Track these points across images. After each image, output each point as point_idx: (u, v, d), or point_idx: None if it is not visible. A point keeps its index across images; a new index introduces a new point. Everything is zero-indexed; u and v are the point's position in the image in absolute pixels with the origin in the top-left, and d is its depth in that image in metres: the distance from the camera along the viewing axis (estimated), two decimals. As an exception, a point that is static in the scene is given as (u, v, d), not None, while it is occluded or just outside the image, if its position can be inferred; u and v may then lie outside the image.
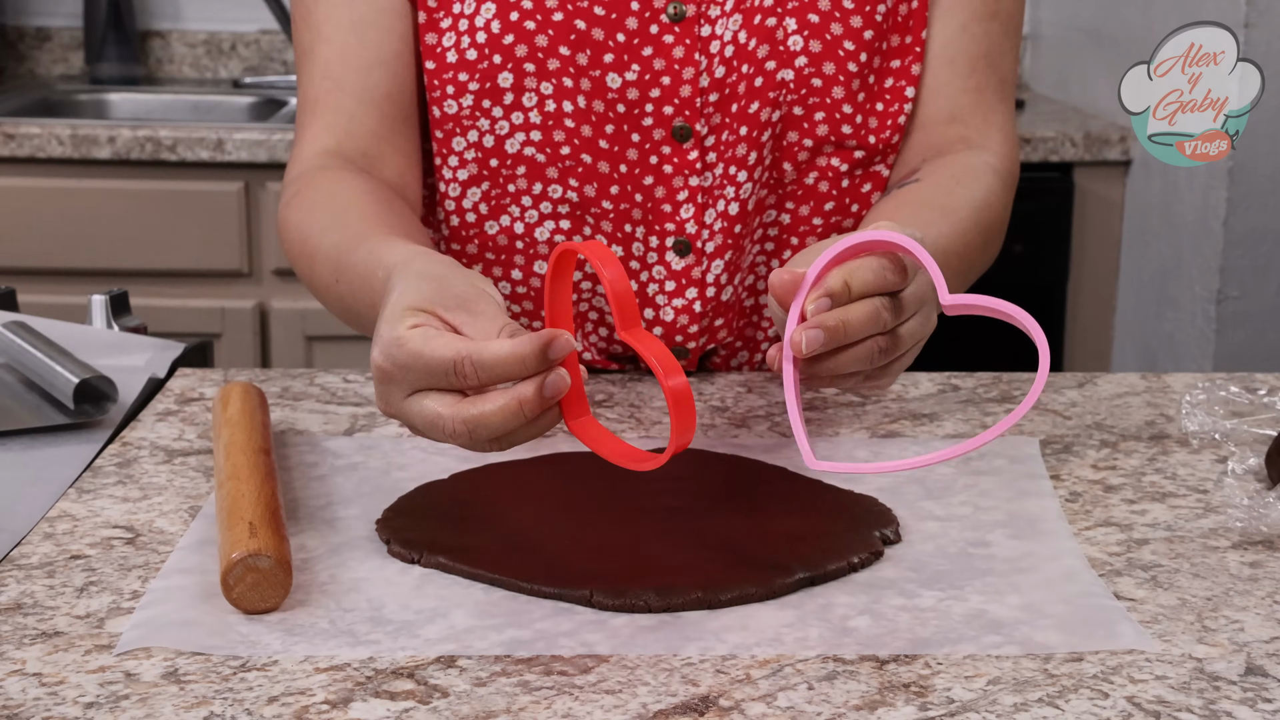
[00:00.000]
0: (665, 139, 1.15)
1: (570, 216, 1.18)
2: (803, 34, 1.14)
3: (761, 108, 1.14)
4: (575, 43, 1.13)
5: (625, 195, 1.17)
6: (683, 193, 1.16)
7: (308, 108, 1.18)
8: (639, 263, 1.19)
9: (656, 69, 1.14)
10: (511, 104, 1.15)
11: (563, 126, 1.15)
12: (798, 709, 0.71)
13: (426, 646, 0.76)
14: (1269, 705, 0.71)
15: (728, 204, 1.17)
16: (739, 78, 1.14)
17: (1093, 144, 2.47)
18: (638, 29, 1.14)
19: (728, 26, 1.14)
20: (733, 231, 1.18)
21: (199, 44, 3.02)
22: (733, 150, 1.16)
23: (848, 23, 1.15)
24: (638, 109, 1.15)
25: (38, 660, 0.75)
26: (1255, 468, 1.02)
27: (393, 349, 0.81)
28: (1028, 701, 0.71)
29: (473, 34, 1.14)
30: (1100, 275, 2.55)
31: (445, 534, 0.88)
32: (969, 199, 1.13)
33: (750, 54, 1.14)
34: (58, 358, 1.10)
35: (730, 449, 1.04)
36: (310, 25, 1.17)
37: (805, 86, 1.15)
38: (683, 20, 1.14)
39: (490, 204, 1.19)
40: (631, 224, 1.18)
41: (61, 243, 2.42)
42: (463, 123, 1.16)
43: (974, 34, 1.19)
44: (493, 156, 1.17)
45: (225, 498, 0.86)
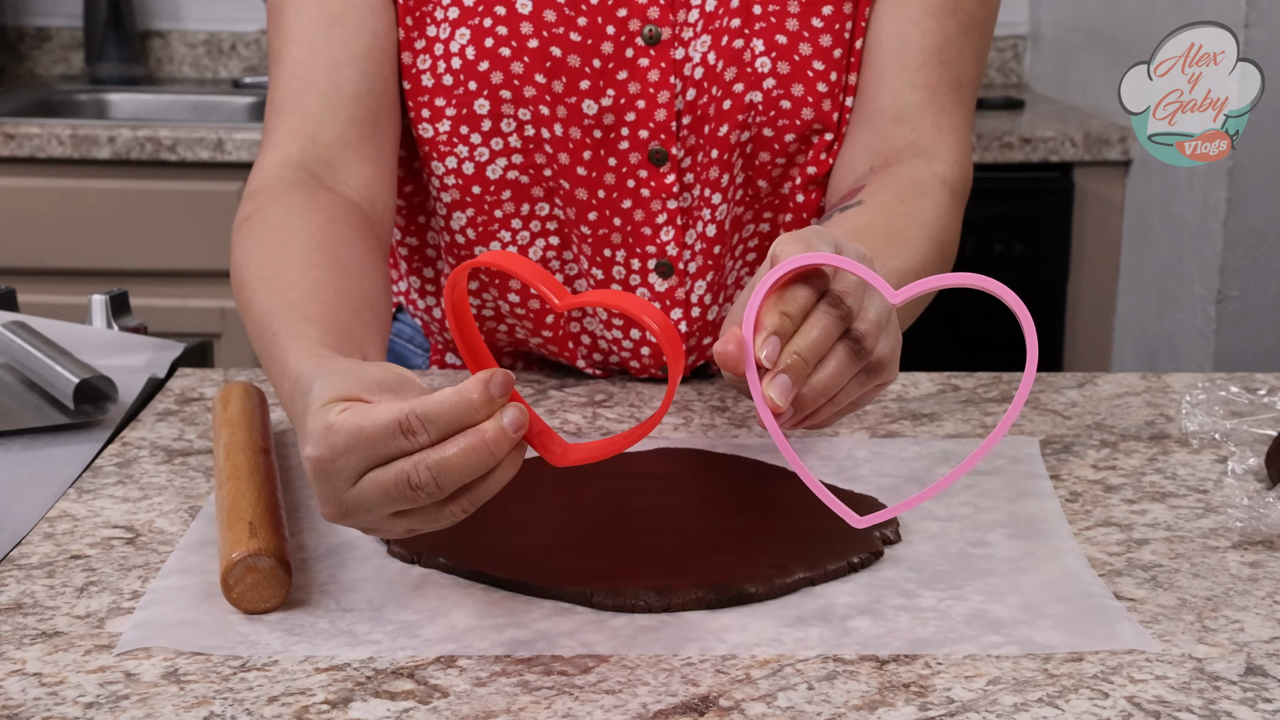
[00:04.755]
0: (642, 163, 1.14)
1: (559, 234, 1.17)
2: (770, 55, 1.12)
3: (731, 130, 1.13)
4: (551, 70, 1.11)
5: (604, 220, 1.15)
6: (662, 215, 1.15)
7: (273, 111, 1.12)
8: (621, 285, 1.18)
9: (632, 93, 1.12)
10: (490, 131, 1.13)
11: (542, 151, 1.13)
12: (798, 709, 0.71)
13: (426, 646, 0.76)
14: (1269, 705, 0.71)
15: (705, 225, 1.16)
16: (709, 100, 1.13)
17: (1093, 144, 2.47)
18: (613, 53, 1.12)
19: (697, 48, 1.12)
20: (712, 252, 1.17)
21: (199, 44, 3.02)
22: (706, 172, 1.14)
23: (817, 42, 1.13)
24: (614, 133, 1.13)
25: (38, 660, 0.75)
26: (1255, 468, 1.02)
27: (328, 436, 0.73)
28: (1028, 701, 0.71)
29: (448, 59, 1.12)
30: (1100, 275, 2.55)
31: (445, 534, 0.88)
32: (919, 219, 1.06)
33: (718, 76, 1.12)
34: (58, 358, 1.10)
35: (730, 449, 1.04)
36: (280, 26, 1.13)
37: (774, 108, 1.12)
38: (658, 43, 1.12)
39: (478, 229, 1.17)
40: (612, 248, 1.16)
41: (61, 243, 2.42)
42: (440, 148, 1.14)
43: (925, 28, 1.13)
44: (475, 183, 1.15)
45: (225, 498, 0.86)
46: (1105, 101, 2.58)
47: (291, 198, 1.06)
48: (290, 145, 1.10)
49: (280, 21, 1.13)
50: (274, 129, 1.12)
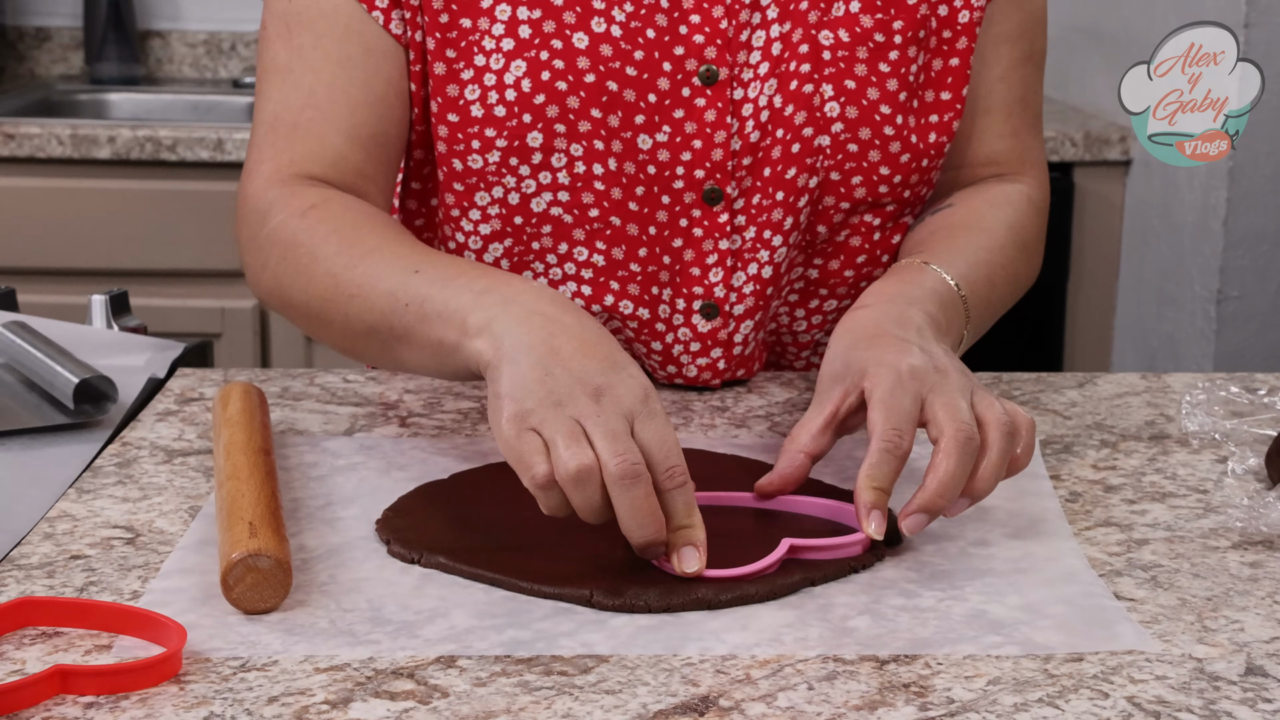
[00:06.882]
0: (696, 202, 1.13)
1: (593, 282, 1.15)
2: (839, 100, 1.12)
3: (799, 173, 1.13)
4: (607, 105, 1.10)
5: (654, 258, 1.15)
6: (712, 256, 1.14)
7: (284, 130, 1.11)
8: (665, 325, 1.16)
9: (688, 131, 1.12)
10: (540, 164, 1.12)
11: (591, 189, 1.12)
12: (798, 709, 0.71)
13: (426, 646, 0.76)
14: (1269, 705, 0.71)
15: (760, 267, 1.15)
16: (773, 142, 1.12)
17: (1093, 144, 2.47)
18: (669, 90, 1.12)
19: (762, 90, 1.12)
20: (764, 294, 1.16)
21: (199, 44, 3.02)
22: (767, 215, 1.14)
23: (884, 86, 1.13)
24: (668, 171, 1.12)
25: (37, 660, 0.75)
26: (1255, 468, 1.02)
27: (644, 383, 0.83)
28: (1028, 702, 0.71)
29: (501, 90, 1.10)
30: (1100, 275, 2.54)
31: (445, 534, 0.88)
32: (1003, 218, 1.16)
33: (787, 119, 1.12)
34: (57, 358, 1.10)
35: (730, 449, 1.04)
36: (291, 46, 1.11)
37: (842, 152, 1.13)
38: (715, 83, 1.12)
39: (512, 261, 1.16)
40: (659, 286, 1.15)
41: (61, 243, 2.42)
42: (487, 178, 1.13)
43: (1011, 82, 1.21)
44: (517, 214, 1.14)
45: (225, 498, 0.86)
46: (1105, 101, 2.58)
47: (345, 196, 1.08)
48: (310, 164, 1.10)
49: (293, 42, 1.11)
50: (284, 146, 1.10)
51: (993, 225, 1.15)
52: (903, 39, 1.14)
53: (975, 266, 1.09)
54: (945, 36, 1.16)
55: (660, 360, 1.18)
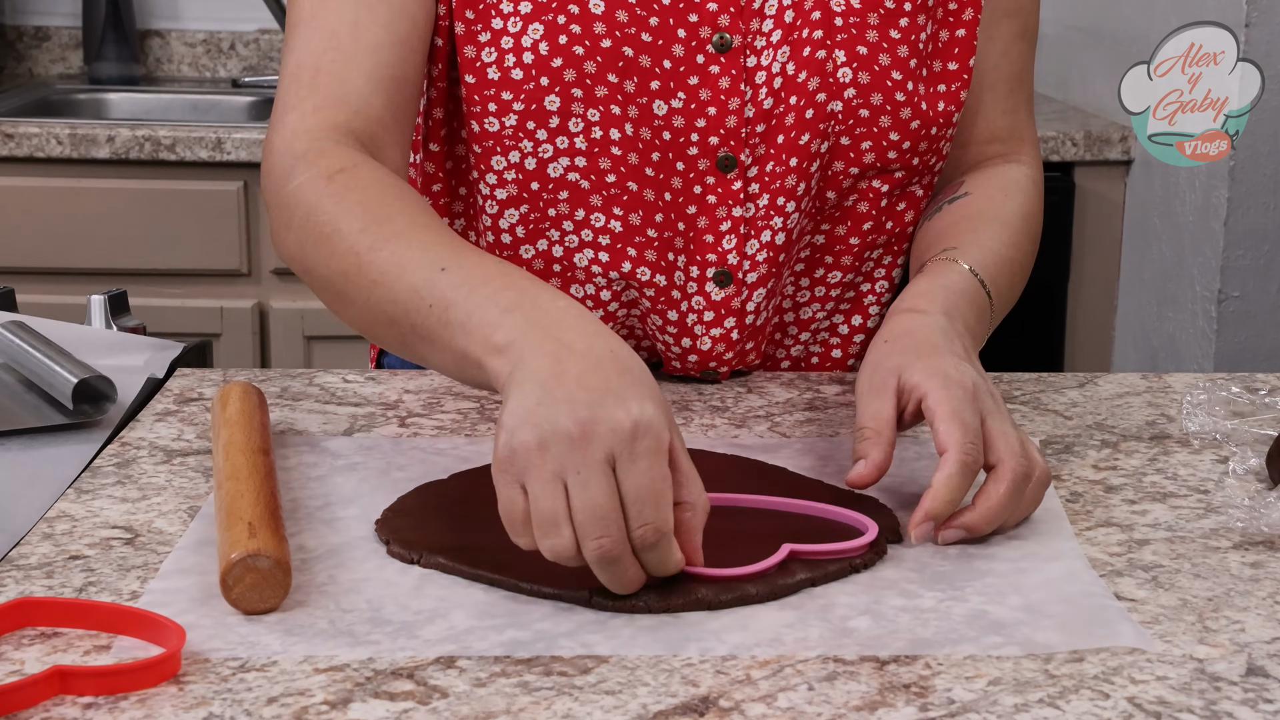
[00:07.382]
0: (710, 169, 1.14)
1: (610, 249, 1.15)
2: (851, 65, 1.13)
3: (812, 139, 1.13)
4: (623, 70, 1.11)
5: (669, 224, 1.15)
6: (726, 223, 1.15)
7: (302, 76, 1.08)
8: (680, 292, 1.17)
9: (702, 98, 1.13)
10: (557, 128, 1.12)
11: (608, 154, 1.13)
12: (798, 709, 0.70)
13: (426, 647, 0.76)
14: (1270, 706, 0.71)
15: (774, 234, 1.16)
16: (787, 108, 1.13)
17: (1093, 143, 2.46)
18: (684, 56, 1.12)
19: (775, 57, 1.13)
20: (776, 260, 1.17)
21: (198, 44, 3.02)
22: (781, 181, 1.14)
23: (895, 53, 1.14)
24: (683, 137, 1.13)
25: (37, 660, 0.74)
26: (1256, 468, 1.02)
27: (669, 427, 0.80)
28: (1028, 702, 0.71)
29: (519, 53, 1.11)
30: (1101, 275, 2.54)
31: (445, 534, 0.88)
32: (1017, 210, 1.20)
33: (800, 85, 1.13)
34: (56, 358, 1.10)
35: (730, 449, 1.04)
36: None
37: (853, 117, 1.14)
38: (728, 50, 1.12)
39: (528, 227, 1.16)
40: (674, 252, 1.16)
41: (60, 243, 2.42)
42: (504, 142, 1.13)
43: (1011, 57, 1.23)
44: (534, 179, 1.14)
45: (224, 498, 0.86)
46: (1105, 101, 2.58)
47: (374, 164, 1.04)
48: (333, 112, 1.07)
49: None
50: (307, 93, 1.08)
51: (1009, 216, 1.18)
52: (912, 6, 1.15)
53: (999, 264, 1.12)
54: (951, 8, 1.18)
55: (675, 334, 1.18)
